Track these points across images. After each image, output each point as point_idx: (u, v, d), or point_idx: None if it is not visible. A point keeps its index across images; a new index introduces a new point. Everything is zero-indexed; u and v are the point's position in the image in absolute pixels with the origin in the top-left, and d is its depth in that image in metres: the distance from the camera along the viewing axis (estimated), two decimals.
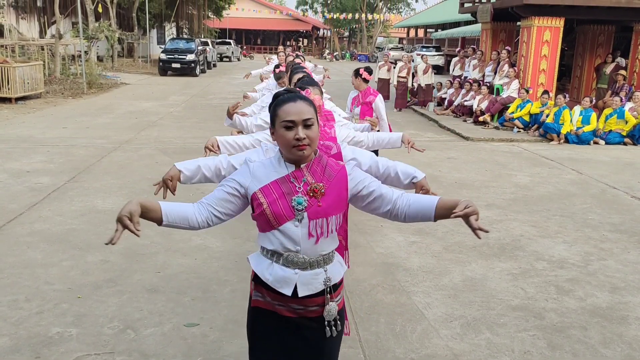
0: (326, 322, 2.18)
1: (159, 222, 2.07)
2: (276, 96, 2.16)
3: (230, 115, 4.46)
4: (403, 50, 39.76)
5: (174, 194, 2.77)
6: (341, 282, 2.28)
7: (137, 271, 4.66)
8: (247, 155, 2.83)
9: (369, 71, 6.36)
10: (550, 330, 3.95)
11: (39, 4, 30.40)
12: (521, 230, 6.02)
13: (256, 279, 2.23)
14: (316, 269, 2.15)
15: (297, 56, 10.03)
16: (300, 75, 4.85)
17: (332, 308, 2.16)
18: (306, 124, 2.07)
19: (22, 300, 4.09)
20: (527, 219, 6.43)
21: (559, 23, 12.85)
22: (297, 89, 2.39)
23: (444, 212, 2.08)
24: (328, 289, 2.17)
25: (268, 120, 2.40)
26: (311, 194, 2.10)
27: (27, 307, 4.00)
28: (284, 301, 2.16)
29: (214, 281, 4.56)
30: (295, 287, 2.13)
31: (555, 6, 12.63)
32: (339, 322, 2.21)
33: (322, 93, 4.32)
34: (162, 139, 10.37)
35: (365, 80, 6.41)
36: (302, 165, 2.14)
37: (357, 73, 6.39)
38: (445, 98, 15.70)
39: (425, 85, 16.42)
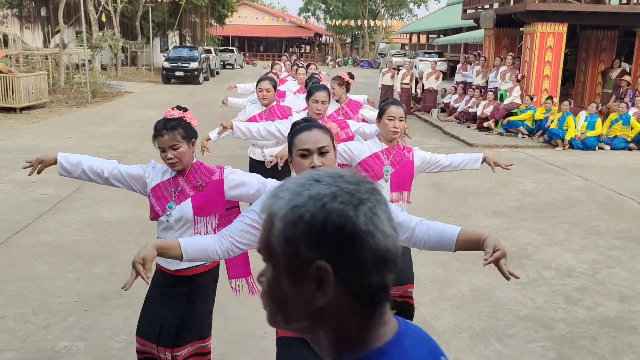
0: None
1: (179, 258, 2.11)
2: (293, 126, 2.19)
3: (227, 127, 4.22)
4: (405, 56, 39.77)
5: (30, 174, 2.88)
6: None
7: (143, 283, 4.62)
8: (138, 170, 2.82)
9: (352, 76, 5.56)
10: (559, 340, 3.92)
11: (42, 13, 30.59)
12: (528, 239, 5.99)
13: None
14: None
15: (295, 63, 10.05)
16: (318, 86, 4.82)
17: None
18: (321, 152, 2.08)
19: (28, 313, 4.08)
20: (534, 226, 6.40)
21: (562, 29, 12.85)
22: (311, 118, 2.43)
23: (465, 245, 2.04)
24: None
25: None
26: None
27: (33, 320, 3.99)
28: None
29: (221, 293, 4.50)
30: None
31: (558, 12, 12.64)
32: None
33: (329, 95, 4.39)
34: None
35: (348, 88, 5.51)
36: None
37: (341, 80, 5.44)
38: (449, 104, 15.69)
39: (431, 90, 16.40)
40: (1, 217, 6.24)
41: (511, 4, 14.17)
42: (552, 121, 11.80)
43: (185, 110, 2.78)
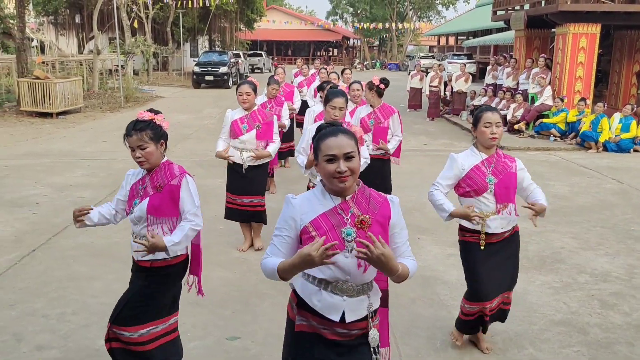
0: (372, 349, 2.23)
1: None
2: (319, 129, 2.23)
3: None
4: (434, 58, 39.53)
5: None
6: (378, 307, 2.35)
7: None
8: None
9: (386, 83, 5.58)
10: (595, 346, 3.87)
11: (77, 20, 31.35)
12: (561, 242, 5.92)
13: (300, 304, 2.28)
14: (362, 295, 2.22)
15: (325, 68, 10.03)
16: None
17: (375, 334, 2.23)
18: (347, 157, 2.12)
19: (69, 313, 4.21)
20: (567, 230, 6.32)
21: (595, 29, 12.64)
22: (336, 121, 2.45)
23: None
24: (370, 314, 2.24)
25: None
26: (359, 226, 2.16)
27: (74, 320, 4.11)
28: (329, 325, 2.22)
29: (254, 294, 4.62)
30: (343, 313, 2.20)
31: (591, 12, 12.44)
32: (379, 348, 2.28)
33: (347, 102, 4.44)
34: (198, 152, 10.54)
35: (380, 94, 5.61)
36: (347, 197, 2.20)
37: (371, 84, 5.57)
38: (479, 106, 15.55)
39: (460, 93, 16.30)
40: (41, 219, 6.44)
41: (542, 4, 13.99)
42: (584, 123, 11.61)
43: (157, 112, 2.98)
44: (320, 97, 6.14)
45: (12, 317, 4.13)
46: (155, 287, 3.03)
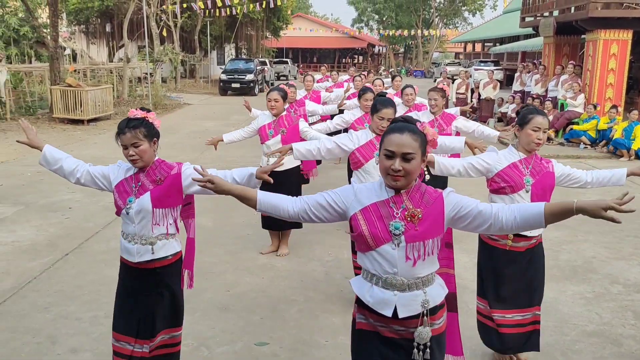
0: (415, 344, 2.20)
1: (253, 207, 2.35)
2: (394, 121, 2.26)
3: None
4: (460, 65, 39.25)
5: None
6: (443, 304, 2.30)
7: (207, 289, 4.80)
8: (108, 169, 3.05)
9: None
10: (628, 357, 3.80)
11: (107, 29, 32.00)
12: (593, 252, 5.82)
13: (358, 302, 2.30)
14: (415, 290, 2.20)
15: (360, 74, 10.04)
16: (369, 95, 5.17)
17: (423, 332, 2.19)
18: (405, 157, 2.12)
19: (101, 316, 4.29)
20: (599, 239, 6.21)
21: (626, 35, 12.43)
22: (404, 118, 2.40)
23: (555, 217, 2.09)
24: (425, 312, 2.20)
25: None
26: (409, 219, 2.16)
27: (106, 323, 4.17)
28: (385, 322, 2.22)
29: (282, 300, 4.64)
30: (396, 309, 2.18)
31: (622, 18, 12.25)
32: (429, 348, 2.22)
33: (395, 112, 4.32)
34: (226, 158, 10.63)
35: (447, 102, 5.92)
36: (402, 191, 2.21)
37: (443, 92, 5.76)
38: (506, 113, 15.40)
39: (488, 100, 16.15)
40: (74, 224, 6.58)
41: (572, 11, 13.82)
42: (616, 131, 11.40)
43: (149, 111, 2.98)
44: (359, 103, 6.09)
45: (47, 320, 4.23)
46: (167, 289, 3.04)
